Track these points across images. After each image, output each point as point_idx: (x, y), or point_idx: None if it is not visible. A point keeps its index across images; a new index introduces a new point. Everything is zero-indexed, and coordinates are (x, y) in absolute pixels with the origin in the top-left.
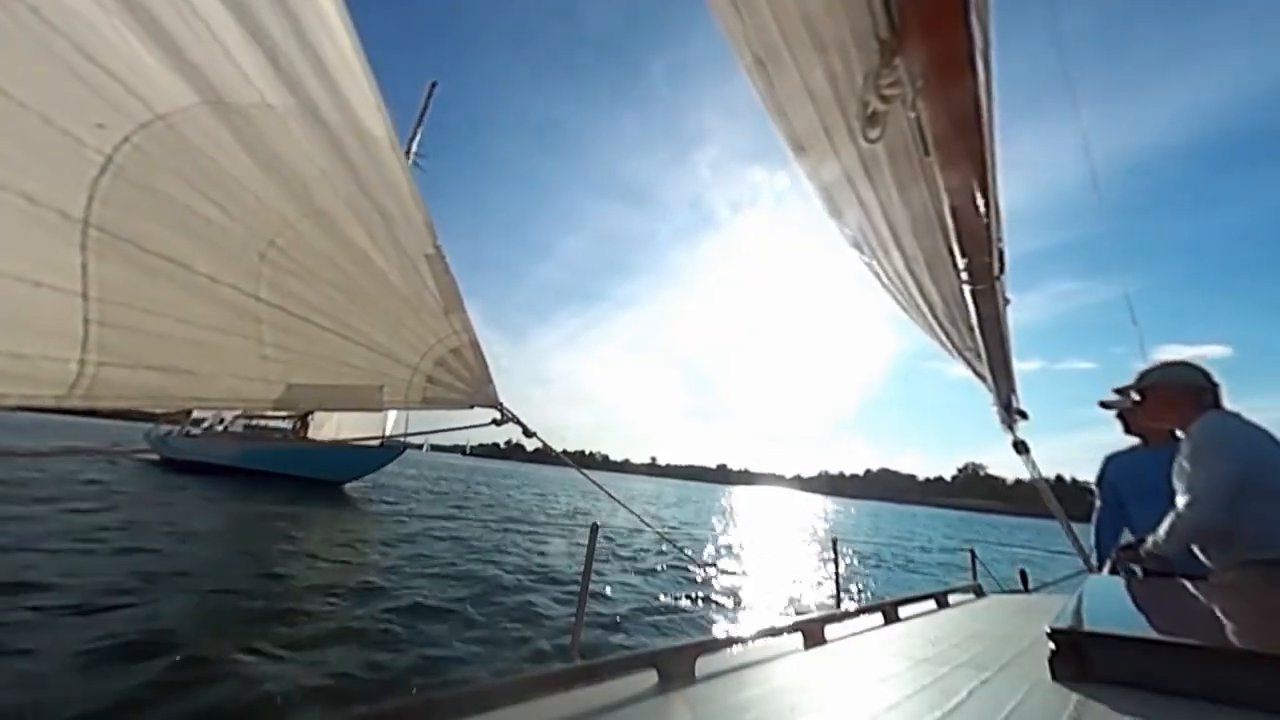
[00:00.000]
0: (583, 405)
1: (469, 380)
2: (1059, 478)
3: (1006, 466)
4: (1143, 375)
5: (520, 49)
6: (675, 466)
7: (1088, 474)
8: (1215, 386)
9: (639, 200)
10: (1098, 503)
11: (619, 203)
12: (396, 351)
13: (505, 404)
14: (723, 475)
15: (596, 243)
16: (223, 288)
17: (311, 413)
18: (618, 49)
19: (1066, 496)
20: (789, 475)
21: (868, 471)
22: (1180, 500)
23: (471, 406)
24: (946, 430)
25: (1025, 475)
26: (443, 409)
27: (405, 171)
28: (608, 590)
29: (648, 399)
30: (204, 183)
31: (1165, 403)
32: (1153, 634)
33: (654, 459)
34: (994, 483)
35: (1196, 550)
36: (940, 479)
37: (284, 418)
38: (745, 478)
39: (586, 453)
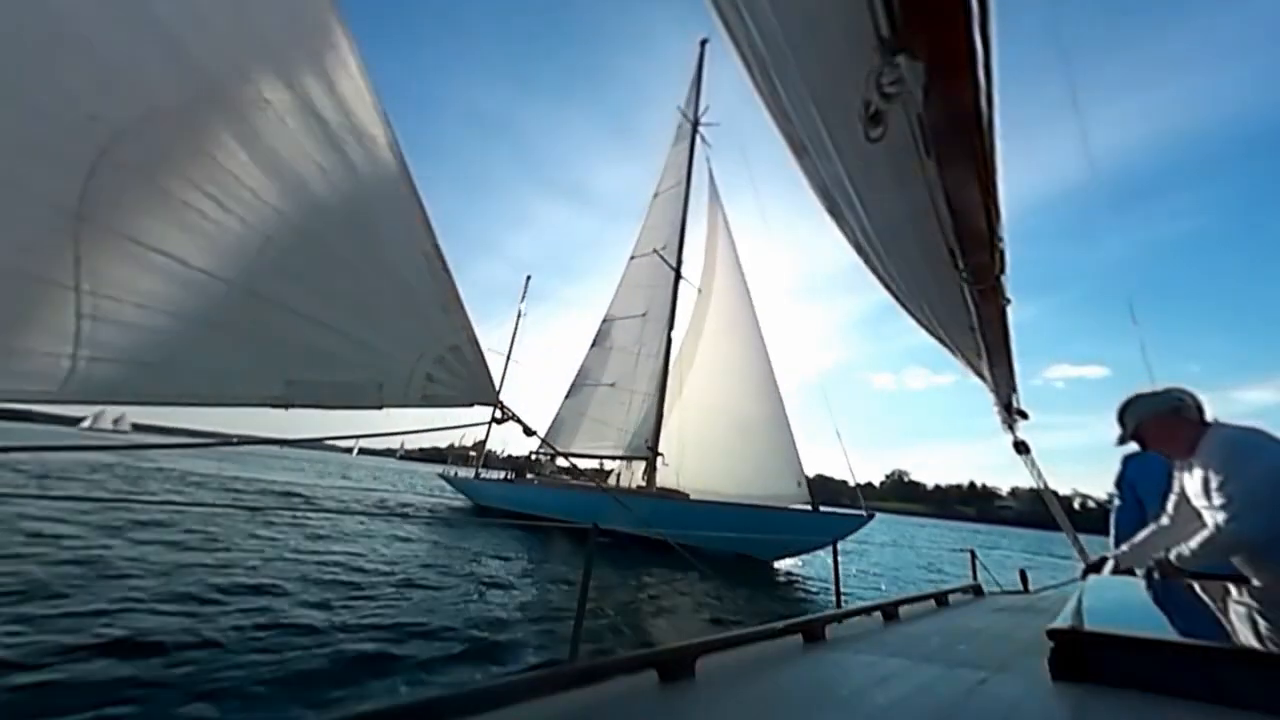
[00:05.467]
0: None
1: (468, 378)
2: (971, 483)
3: (925, 470)
4: (1124, 416)
5: (463, 38)
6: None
7: (996, 480)
8: (1198, 401)
9: (590, 202)
10: (1117, 501)
11: (569, 203)
12: (396, 349)
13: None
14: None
15: (544, 243)
16: (218, 283)
17: (659, 454)
18: (577, 49)
19: (977, 497)
20: None
21: (807, 477)
22: (1218, 515)
23: (471, 404)
24: (875, 438)
25: (945, 480)
26: (442, 407)
27: (403, 169)
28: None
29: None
30: (200, 177)
31: (1164, 436)
32: (1153, 635)
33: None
34: (917, 488)
35: (1236, 561)
36: (870, 484)
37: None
38: None
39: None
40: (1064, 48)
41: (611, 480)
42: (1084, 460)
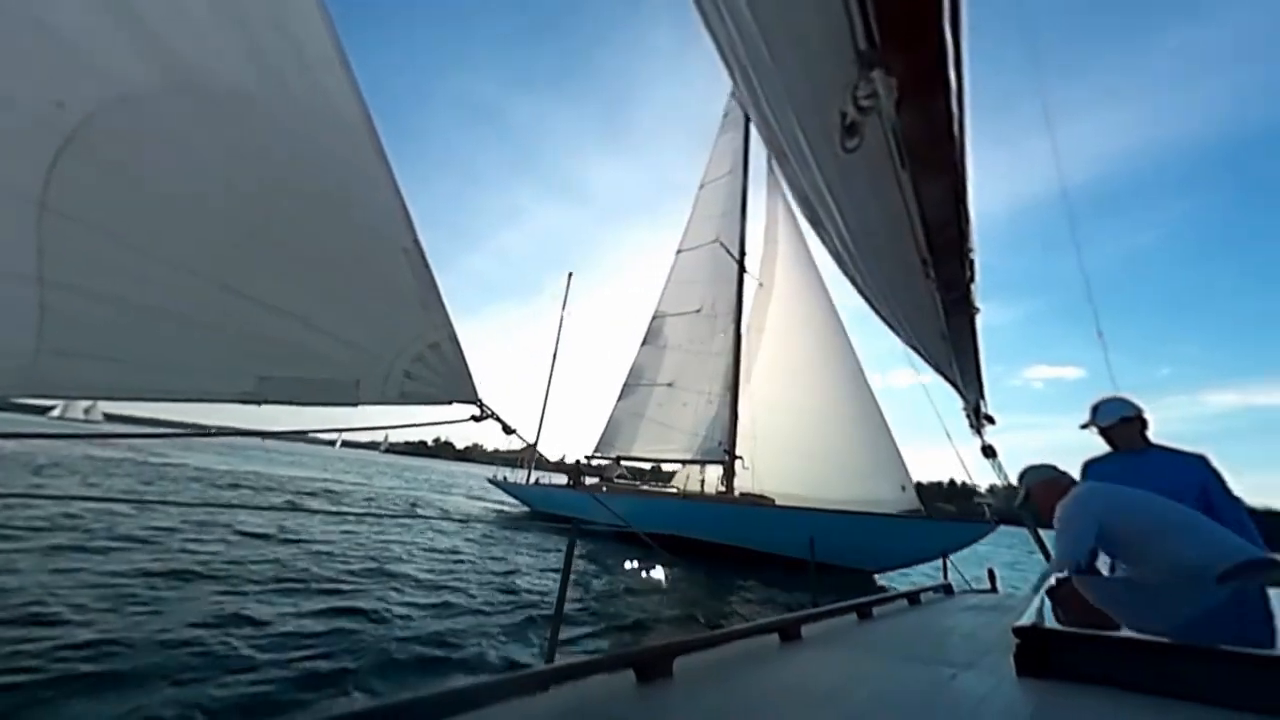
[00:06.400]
0: (516, 402)
1: (447, 376)
2: (951, 481)
3: (911, 469)
4: (1021, 480)
5: (452, 26)
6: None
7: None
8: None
9: (585, 201)
10: None
11: (563, 201)
12: (373, 346)
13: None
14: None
15: (536, 241)
16: (188, 275)
17: (738, 457)
18: (576, 45)
19: (957, 495)
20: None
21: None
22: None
23: (450, 402)
24: None
25: (927, 478)
26: (420, 404)
27: (384, 163)
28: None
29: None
30: (170, 166)
31: (1046, 497)
32: (1110, 633)
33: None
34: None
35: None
36: None
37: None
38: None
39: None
40: (1039, 68)
41: (679, 484)
42: (1058, 457)
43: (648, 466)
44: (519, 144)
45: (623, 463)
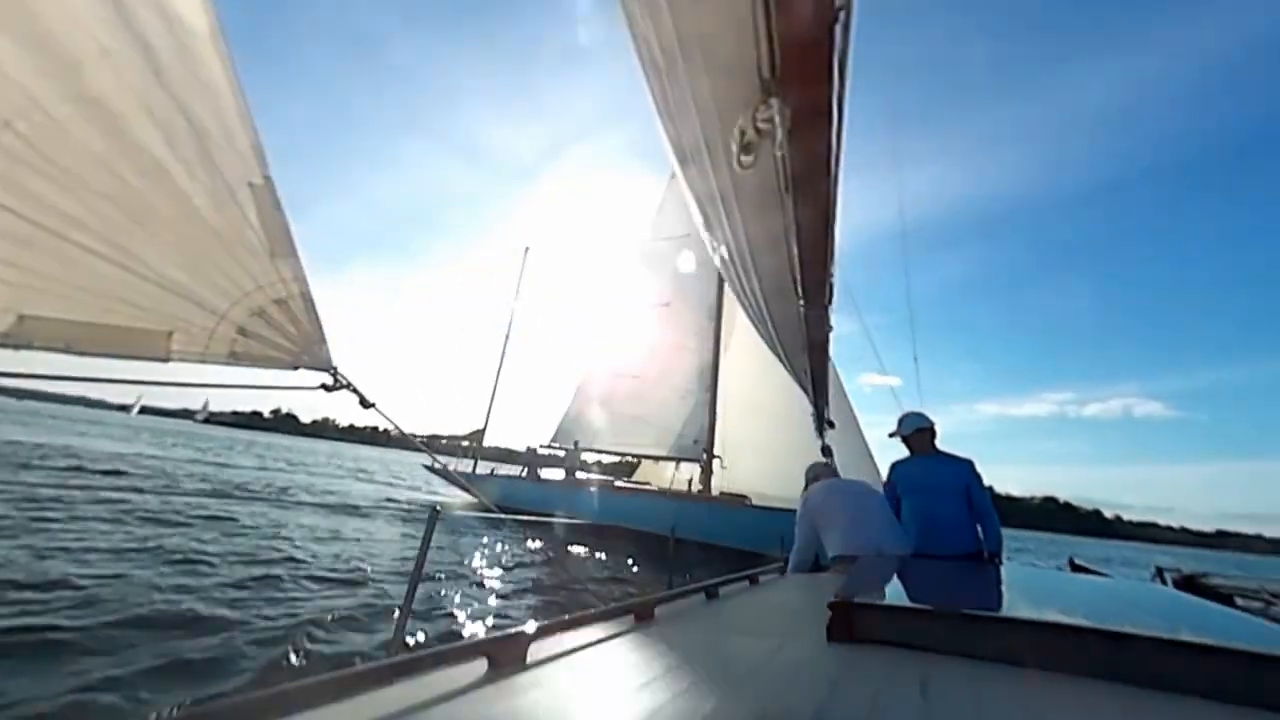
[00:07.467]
0: (382, 372)
1: (295, 338)
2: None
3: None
4: (808, 473)
5: None
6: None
7: None
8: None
9: (476, 159)
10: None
11: (451, 156)
12: (197, 292)
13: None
14: (530, 457)
15: (416, 194)
16: None
17: (717, 457)
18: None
19: None
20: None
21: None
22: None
23: (296, 368)
24: None
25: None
26: (257, 367)
27: (232, 81)
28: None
29: (459, 373)
30: None
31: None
32: (902, 603)
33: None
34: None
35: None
36: None
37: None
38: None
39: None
40: (898, 118)
41: (650, 479)
42: (881, 452)
43: (608, 460)
44: (408, 86)
45: (584, 455)
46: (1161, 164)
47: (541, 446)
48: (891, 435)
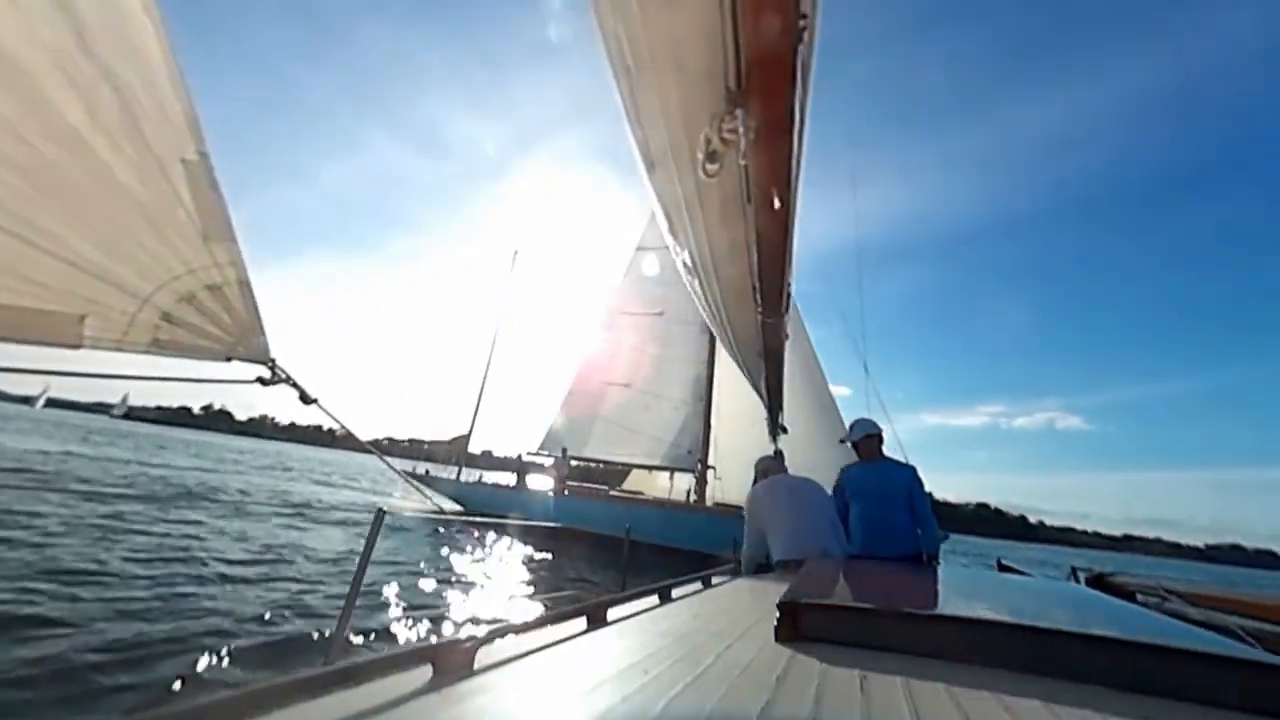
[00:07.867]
0: (327, 368)
1: (229, 327)
2: None
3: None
4: (757, 467)
5: None
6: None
7: None
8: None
9: (439, 149)
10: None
11: (411, 144)
12: (115, 273)
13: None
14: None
15: (373, 182)
16: None
17: (711, 467)
18: None
19: None
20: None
21: None
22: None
23: (229, 359)
24: None
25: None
26: (184, 357)
27: (165, 47)
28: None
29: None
30: None
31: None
32: (845, 603)
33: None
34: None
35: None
36: None
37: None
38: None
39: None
40: (853, 136)
41: (641, 488)
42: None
43: (593, 467)
44: (363, 68)
45: (573, 463)
46: (1095, 196)
47: (528, 454)
48: (841, 441)
